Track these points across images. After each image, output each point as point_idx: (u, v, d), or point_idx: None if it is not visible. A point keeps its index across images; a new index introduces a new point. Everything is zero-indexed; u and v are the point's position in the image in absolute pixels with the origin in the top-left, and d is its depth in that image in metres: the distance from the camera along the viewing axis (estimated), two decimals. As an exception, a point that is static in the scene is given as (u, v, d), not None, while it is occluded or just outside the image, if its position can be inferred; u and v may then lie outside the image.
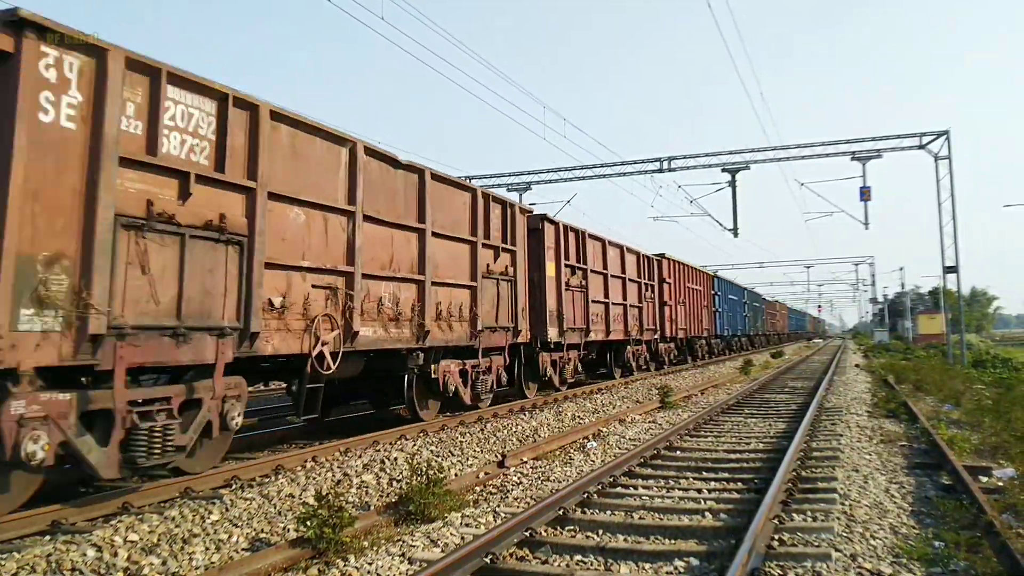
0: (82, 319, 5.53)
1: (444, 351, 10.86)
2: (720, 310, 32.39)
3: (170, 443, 6.21)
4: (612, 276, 18.18)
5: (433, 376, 10.53)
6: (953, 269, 24.99)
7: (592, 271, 16.87)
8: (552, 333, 14.47)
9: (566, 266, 15.37)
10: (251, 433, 9.95)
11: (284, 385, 12.62)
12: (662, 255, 23.25)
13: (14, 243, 5.16)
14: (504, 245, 12.63)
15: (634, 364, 20.43)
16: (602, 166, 28.77)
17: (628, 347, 19.84)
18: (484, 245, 11.84)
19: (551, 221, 15.03)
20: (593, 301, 16.70)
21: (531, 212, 14.40)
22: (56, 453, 5.43)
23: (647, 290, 21.04)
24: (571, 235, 16.00)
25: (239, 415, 7.05)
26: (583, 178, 29.19)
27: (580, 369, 17.16)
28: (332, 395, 10.17)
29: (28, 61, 5.33)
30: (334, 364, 8.16)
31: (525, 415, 12.00)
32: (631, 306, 19.54)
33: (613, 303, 18.07)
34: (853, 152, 25.49)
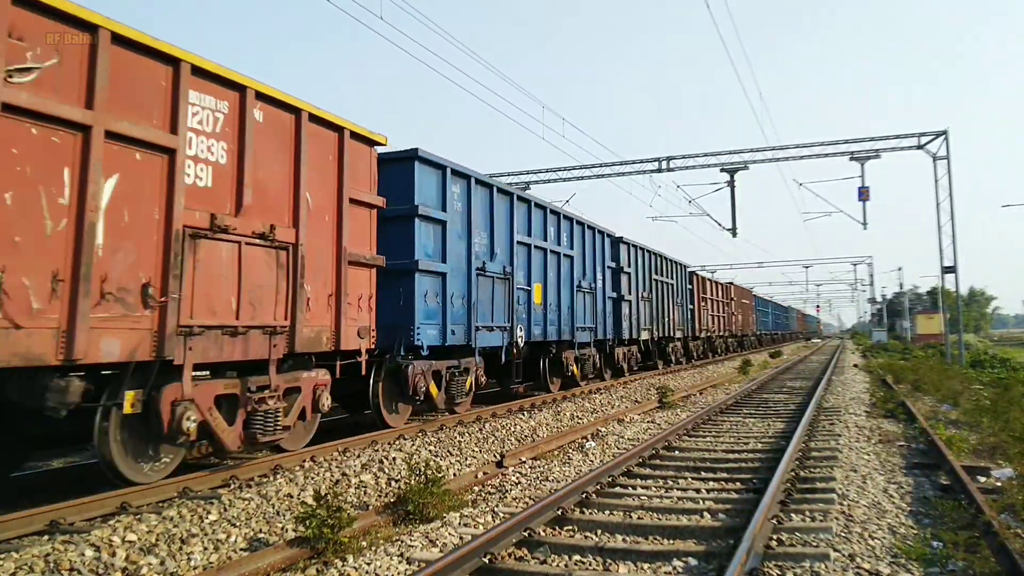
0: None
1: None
2: (451, 293, 11.29)
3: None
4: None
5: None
6: (951, 269, 25.00)
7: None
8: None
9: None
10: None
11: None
12: None
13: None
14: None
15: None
16: (601, 166, 28.78)
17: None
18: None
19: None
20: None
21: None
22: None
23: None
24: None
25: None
26: (582, 178, 29.18)
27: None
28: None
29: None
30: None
31: (524, 415, 12.00)
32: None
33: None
34: (851, 152, 25.50)
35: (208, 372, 6.87)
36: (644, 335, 21.04)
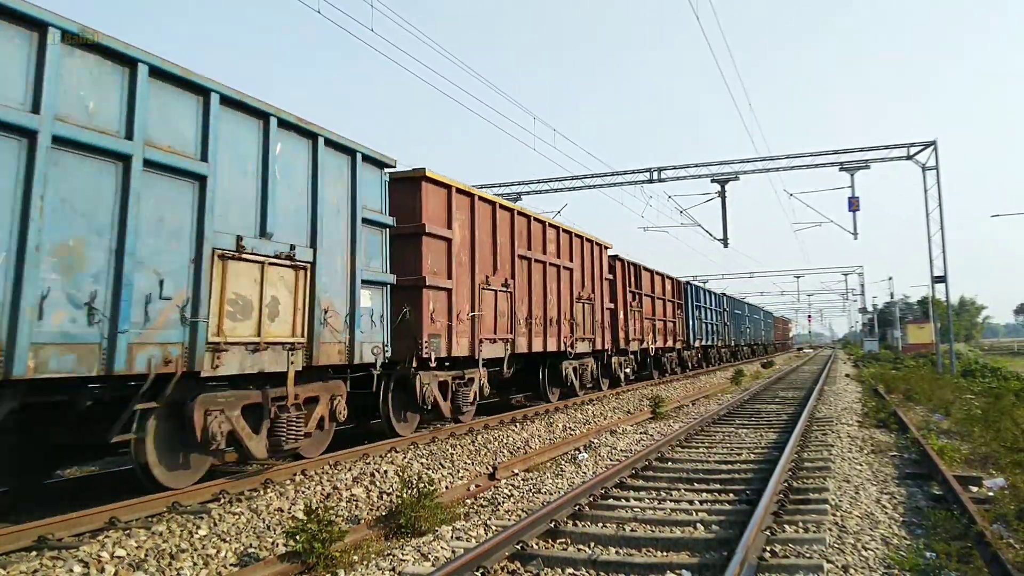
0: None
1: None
2: None
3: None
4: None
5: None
6: (942, 279, 25.12)
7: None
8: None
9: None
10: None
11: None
12: None
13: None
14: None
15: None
16: (592, 176, 28.84)
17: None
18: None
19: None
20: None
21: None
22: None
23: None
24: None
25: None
26: (573, 188, 29.24)
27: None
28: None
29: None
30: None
31: (516, 426, 11.97)
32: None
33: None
34: (841, 163, 25.63)
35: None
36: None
